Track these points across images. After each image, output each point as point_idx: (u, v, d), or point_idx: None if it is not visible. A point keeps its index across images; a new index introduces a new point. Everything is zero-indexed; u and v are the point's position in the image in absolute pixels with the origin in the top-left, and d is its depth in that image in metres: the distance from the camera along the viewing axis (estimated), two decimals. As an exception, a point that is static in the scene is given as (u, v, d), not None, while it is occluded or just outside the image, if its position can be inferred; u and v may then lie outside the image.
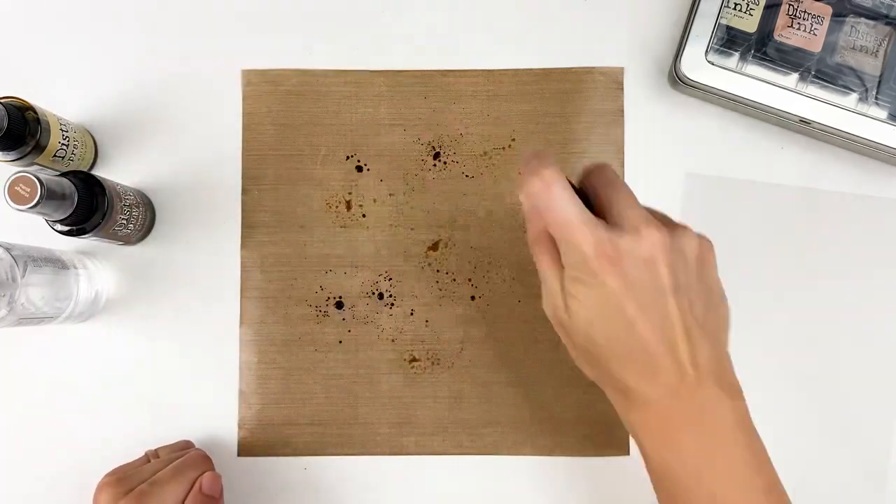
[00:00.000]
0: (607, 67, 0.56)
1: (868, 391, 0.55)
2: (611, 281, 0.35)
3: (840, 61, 0.53)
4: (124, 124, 0.56)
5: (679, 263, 0.36)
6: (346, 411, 0.55)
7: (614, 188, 0.38)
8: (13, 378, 0.55)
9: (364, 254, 0.55)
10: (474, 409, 0.55)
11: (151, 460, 0.50)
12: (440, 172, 0.56)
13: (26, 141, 0.48)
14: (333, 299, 0.55)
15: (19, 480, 0.54)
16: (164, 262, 0.55)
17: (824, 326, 0.56)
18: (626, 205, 0.37)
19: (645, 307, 0.35)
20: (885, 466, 0.55)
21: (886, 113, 0.52)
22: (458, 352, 0.55)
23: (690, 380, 0.36)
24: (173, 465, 0.48)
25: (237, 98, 0.56)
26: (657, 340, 0.36)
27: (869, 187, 0.56)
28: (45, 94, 0.53)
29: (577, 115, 0.56)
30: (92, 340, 0.55)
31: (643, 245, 0.35)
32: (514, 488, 0.54)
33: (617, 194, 0.37)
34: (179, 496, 0.47)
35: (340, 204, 0.56)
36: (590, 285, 0.36)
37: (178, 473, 0.48)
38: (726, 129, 0.56)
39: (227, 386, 0.55)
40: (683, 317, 0.36)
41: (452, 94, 0.56)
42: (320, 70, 0.56)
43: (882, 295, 0.55)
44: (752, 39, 0.53)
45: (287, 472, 0.55)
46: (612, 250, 0.35)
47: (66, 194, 0.45)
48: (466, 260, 0.55)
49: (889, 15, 0.53)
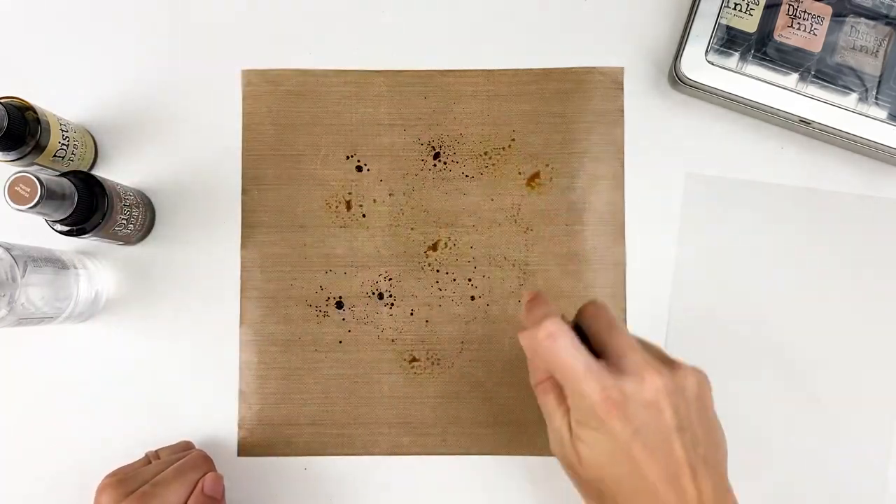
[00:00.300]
0: (607, 67, 0.56)
1: (868, 391, 0.55)
2: (618, 425, 0.37)
3: (840, 61, 0.53)
4: (124, 124, 0.56)
5: (681, 404, 0.38)
6: (346, 411, 0.55)
7: (614, 332, 0.40)
8: (13, 378, 0.55)
9: (364, 254, 0.55)
10: (474, 409, 0.55)
11: (152, 461, 0.50)
12: (440, 172, 0.56)
13: (26, 141, 0.48)
14: (333, 299, 0.55)
15: (19, 480, 0.54)
16: (164, 262, 0.55)
17: (824, 326, 0.56)
18: (627, 349, 0.39)
19: (651, 449, 0.37)
20: (885, 466, 0.55)
21: (886, 113, 0.52)
22: (458, 352, 0.55)
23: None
24: (175, 466, 0.48)
25: (237, 98, 0.56)
26: (664, 480, 0.37)
27: (869, 187, 0.56)
28: (45, 94, 0.53)
29: (577, 115, 0.56)
30: (92, 340, 0.55)
31: (647, 389, 0.37)
32: (514, 488, 0.54)
33: (617, 338, 0.39)
34: (182, 497, 0.47)
35: (340, 204, 0.56)
36: (597, 429, 0.38)
37: (180, 474, 0.48)
38: (726, 129, 0.56)
39: (227, 386, 0.55)
40: (688, 455, 0.38)
41: (452, 94, 0.56)
42: (320, 70, 0.56)
43: (882, 295, 0.55)
44: (752, 39, 0.53)
45: (287, 472, 0.55)
46: (618, 396, 0.37)
47: (66, 194, 0.45)
48: (466, 260, 0.55)
49: (889, 15, 0.53)
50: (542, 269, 0.55)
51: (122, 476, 0.47)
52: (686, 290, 0.55)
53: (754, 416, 0.41)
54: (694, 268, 0.55)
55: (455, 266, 0.55)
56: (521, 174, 0.56)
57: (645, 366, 0.38)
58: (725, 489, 0.39)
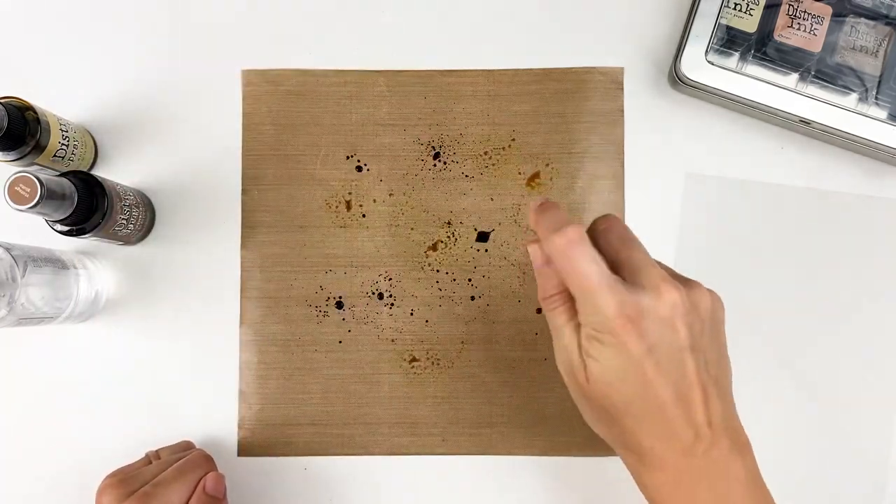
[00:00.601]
0: (607, 67, 0.56)
1: (868, 391, 0.55)
2: (632, 342, 0.35)
3: (840, 61, 0.53)
4: (124, 124, 0.56)
5: (695, 322, 0.37)
6: (346, 411, 0.55)
7: (630, 245, 0.38)
8: (13, 378, 0.55)
9: (364, 254, 0.55)
10: (474, 409, 0.55)
11: (152, 462, 0.50)
12: (440, 172, 0.56)
13: (26, 141, 0.48)
14: (333, 299, 0.55)
15: (19, 480, 0.54)
16: (164, 262, 0.55)
17: (824, 326, 0.56)
18: (643, 263, 0.37)
19: (663, 367, 0.36)
20: (885, 466, 0.55)
21: (886, 113, 0.52)
22: (458, 352, 0.55)
23: (706, 439, 0.37)
24: (176, 466, 0.48)
25: (237, 98, 0.56)
26: (674, 401, 0.36)
27: (869, 187, 0.56)
28: (45, 94, 0.53)
29: (577, 115, 0.56)
30: (92, 340, 0.55)
31: (663, 305, 0.36)
32: (514, 488, 0.54)
33: (633, 252, 0.38)
34: (183, 497, 0.47)
35: (340, 204, 0.56)
36: (609, 345, 0.36)
37: (181, 474, 0.48)
38: (726, 129, 0.56)
39: (227, 386, 0.55)
40: (699, 375, 0.36)
41: (452, 94, 0.56)
42: (320, 70, 0.56)
43: (882, 295, 0.55)
44: (752, 39, 0.53)
45: (287, 472, 0.55)
46: (633, 311, 0.35)
47: (66, 194, 0.45)
48: (466, 260, 0.55)
49: (889, 15, 0.53)
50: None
51: (122, 476, 0.47)
52: (686, 290, 0.55)
53: (754, 416, 0.41)
54: (694, 268, 0.55)
55: (455, 266, 0.55)
56: (521, 174, 0.56)
57: (661, 281, 0.36)
58: (733, 413, 0.38)
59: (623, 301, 0.35)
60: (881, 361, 0.55)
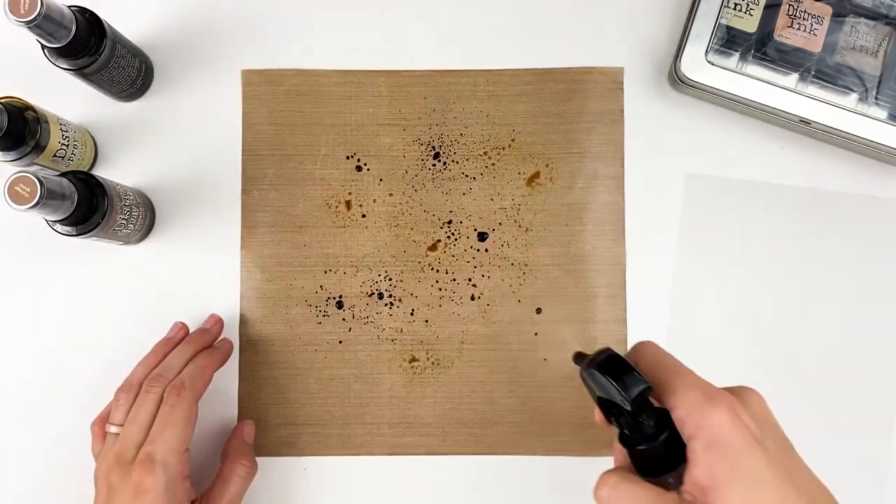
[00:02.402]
0: (607, 67, 0.56)
1: (868, 391, 0.55)
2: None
3: (840, 61, 0.53)
4: (124, 124, 0.56)
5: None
6: (346, 411, 0.55)
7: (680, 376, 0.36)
8: (13, 377, 0.55)
9: (364, 254, 0.55)
10: (474, 409, 0.55)
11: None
12: (440, 172, 0.56)
13: (26, 141, 0.48)
14: (333, 299, 0.55)
15: (18, 481, 0.54)
16: (164, 262, 0.55)
17: (824, 326, 0.56)
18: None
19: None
20: (885, 466, 0.55)
21: (886, 113, 0.52)
22: (458, 352, 0.55)
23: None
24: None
25: (237, 98, 0.56)
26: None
27: (869, 187, 0.56)
28: (45, 94, 0.53)
29: (577, 115, 0.56)
30: (92, 340, 0.55)
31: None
32: (514, 488, 0.54)
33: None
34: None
35: (340, 204, 0.56)
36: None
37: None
38: (726, 129, 0.56)
39: (227, 386, 0.55)
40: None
41: (452, 94, 0.56)
42: (320, 70, 0.56)
43: (882, 294, 0.55)
44: (752, 39, 0.53)
45: (287, 472, 0.55)
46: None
47: (66, 194, 0.45)
48: (466, 260, 0.55)
49: (889, 15, 0.53)
50: (543, 269, 0.55)
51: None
52: (686, 290, 0.55)
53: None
54: (694, 268, 0.55)
55: (455, 266, 0.55)
56: (521, 174, 0.56)
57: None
58: None
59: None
60: (881, 361, 0.55)
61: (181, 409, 0.47)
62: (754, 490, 0.33)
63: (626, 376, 0.35)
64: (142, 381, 0.48)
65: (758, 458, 0.33)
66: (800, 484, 0.34)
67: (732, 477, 0.33)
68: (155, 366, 0.50)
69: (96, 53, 0.48)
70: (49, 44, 0.45)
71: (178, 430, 0.46)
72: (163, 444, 0.45)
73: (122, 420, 0.47)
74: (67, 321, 0.55)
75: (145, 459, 0.45)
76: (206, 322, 0.54)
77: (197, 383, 0.49)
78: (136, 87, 0.54)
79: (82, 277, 0.55)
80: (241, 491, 0.50)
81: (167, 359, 0.50)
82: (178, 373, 0.49)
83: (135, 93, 0.55)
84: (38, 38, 0.44)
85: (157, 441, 0.45)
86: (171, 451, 0.45)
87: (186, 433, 0.47)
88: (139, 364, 0.50)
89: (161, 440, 0.45)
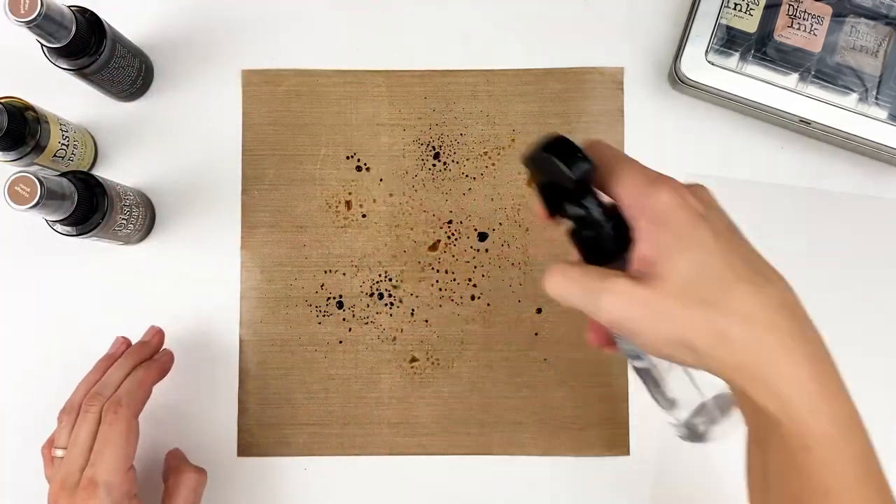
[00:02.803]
0: (607, 67, 0.56)
1: (868, 391, 0.55)
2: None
3: (840, 61, 0.53)
4: (124, 124, 0.56)
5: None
6: (346, 411, 0.55)
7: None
8: (13, 377, 0.55)
9: (364, 254, 0.55)
10: (474, 409, 0.55)
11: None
12: (440, 172, 0.56)
13: (26, 141, 0.48)
14: (333, 299, 0.55)
15: (19, 481, 0.54)
16: (164, 262, 0.55)
17: (824, 326, 0.55)
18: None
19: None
20: (885, 466, 0.54)
21: (886, 113, 0.52)
22: (458, 352, 0.55)
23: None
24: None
25: (237, 98, 0.56)
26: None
27: (869, 187, 0.56)
28: (45, 94, 0.53)
29: (577, 115, 0.56)
30: (92, 340, 0.55)
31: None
32: (514, 488, 0.54)
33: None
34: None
35: (340, 204, 0.56)
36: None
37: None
38: (726, 129, 0.56)
39: (227, 386, 0.55)
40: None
41: (452, 94, 0.56)
42: (320, 70, 0.56)
43: (882, 295, 0.55)
44: (752, 39, 0.53)
45: (287, 472, 0.55)
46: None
47: (66, 194, 0.45)
48: (466, 260, 0.55)
49: (889, 15, 0.53)
50: (542, 269, 0.55)
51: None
52: (686, 290, 0.55)
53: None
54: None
55: (455, 266, 0.55)
56: (521, 174, 0.56)
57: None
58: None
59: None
60: (881, 361, 0.55)
61: (119, 427, 0.46)
62: (700, 256, 0.33)
63: (571, 156, 0.35)
64: (83, 401, 0.48)
65: (703, 230, 0.33)
66: (745, 255, 0.35)
67: (678, 246, 0.33)
68: (95, 383, 0.49)
69: (96, 53, 0.48)
70: (49, 44, 0.45)
71: (118, 449, 0.46)
72: (104, 466, 0.45)
73: (65, 443, 0.47)
74: (67, 321, 0.55)
75: (87, 484, 0.44)
76: (146, 334, 0.53)
77: (135, 398, 0.48)
78: (136, 87, 0.54)
79: (82, 277, 0.55)
80: (193, 502, 0.49)
81: (105, 376, 0.49)
82: (116, 389, 0.48)
83: (135, 93, 0.55)
84: (38, 38, 0.44)
85: (98, 463, 0.45)
86: (114, 472, 0.45)
87: (128, 451, 0.46)
88: (80, 383, 0.50)
89: (102, 461, 0.45)
